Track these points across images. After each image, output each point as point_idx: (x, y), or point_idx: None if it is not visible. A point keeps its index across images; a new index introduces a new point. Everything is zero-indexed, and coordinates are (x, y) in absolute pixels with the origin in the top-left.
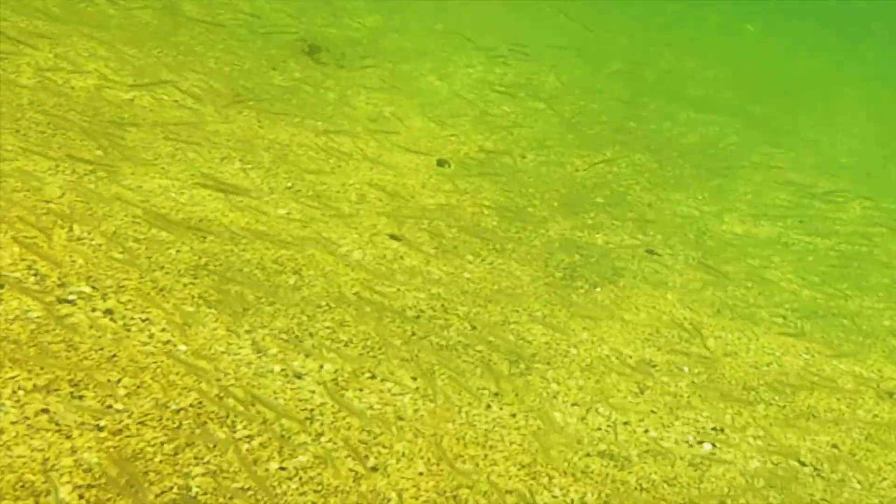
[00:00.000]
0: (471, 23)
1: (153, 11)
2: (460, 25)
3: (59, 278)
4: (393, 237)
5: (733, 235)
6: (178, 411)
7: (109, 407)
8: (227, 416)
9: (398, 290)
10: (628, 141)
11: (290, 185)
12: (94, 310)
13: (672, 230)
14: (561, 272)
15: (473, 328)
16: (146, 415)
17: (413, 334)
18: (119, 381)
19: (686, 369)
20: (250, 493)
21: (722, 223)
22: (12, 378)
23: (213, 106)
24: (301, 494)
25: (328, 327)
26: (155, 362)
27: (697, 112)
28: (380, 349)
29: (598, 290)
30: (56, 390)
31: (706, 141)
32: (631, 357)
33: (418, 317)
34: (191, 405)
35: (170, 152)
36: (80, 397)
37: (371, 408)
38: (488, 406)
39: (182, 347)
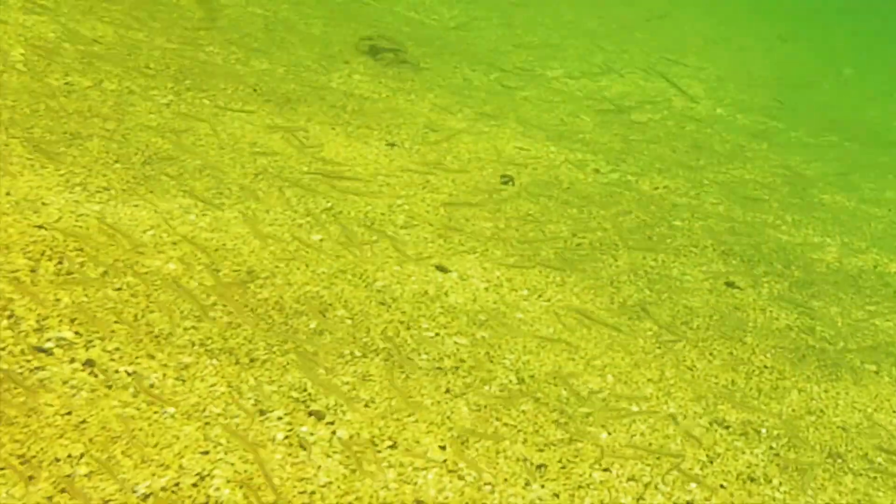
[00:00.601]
0: None
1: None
2: None
3: (37, 321)
4: (440, 268)
5: None
6: (146, 497)
7: (63, 491)
8: (206, 503)
9: (436, 333)
10: None
11: (329, 205)
12: (72, 360)
13: None
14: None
15: (521, 381)
16: (106, 501)
17: (447, 391)
18: (82, 456)
19: (764, 431)
20: None
21: None
22: None
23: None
24: None
25: (347, 383)
26: (132, 430)
27: None
28: (406, 410)
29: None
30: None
31: None
32: (701, 416)
33: (457, 368)
34: (163, 488)
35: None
36: (30, 478)
37: (386, 487)
38: (527, 483)
39: (170, 410)
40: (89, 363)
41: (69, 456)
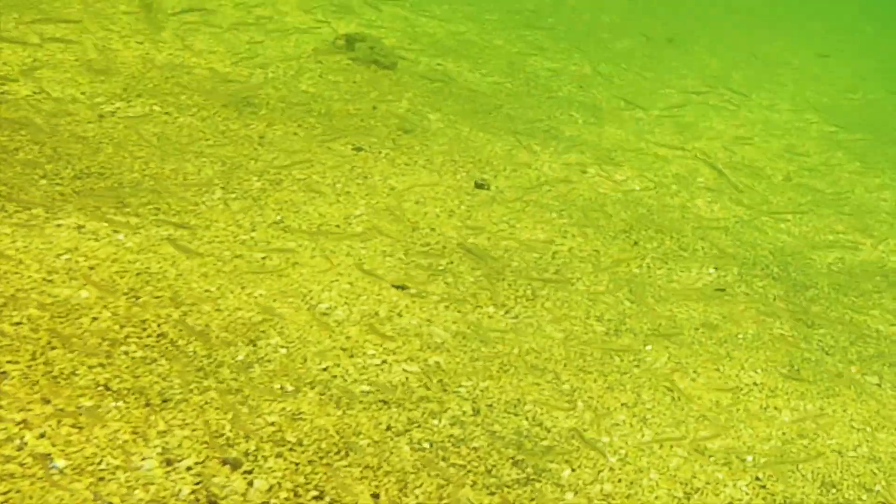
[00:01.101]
0: None
1: None
2: None
3: None
4: (396, 286)
5: None
6: None
7: None
8: None
9: (383, 361)
10: None
11: (279, 218)
12: None
13: None
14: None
15: (476, 412)
16: None
17: (388, 428)
18: None
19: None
20: None
21: None
22: None
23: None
24: None
25: (273, 423)
26: (8, 491)
27: None
28: (337, 453)
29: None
30: None
31: None
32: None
33: (401, 402)
34: None
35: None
36: None
37: None
38: None
39: (59, 464)
40: None
41: None
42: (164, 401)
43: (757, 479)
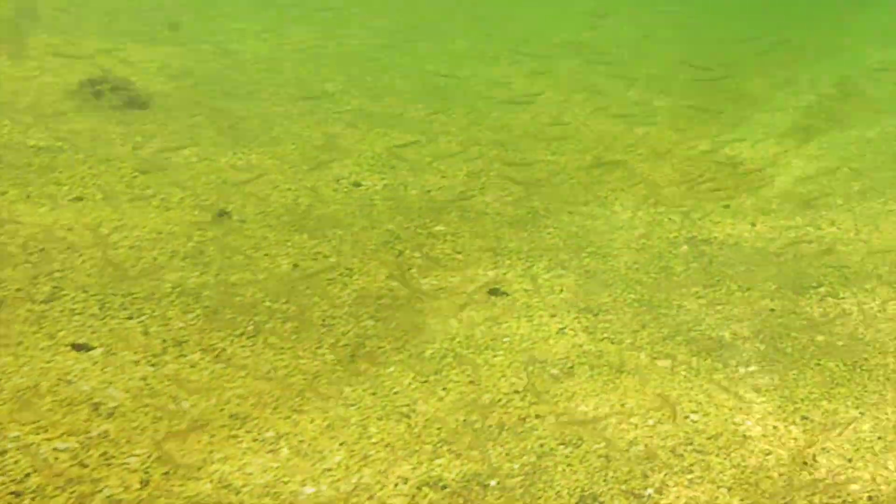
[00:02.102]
0: None
1: None
2: None
3: None
4: (77, 347)
5: None
6: None
7: None
8: None
9: (29, 443)
10: None
11: None
12: None
13: None
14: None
15: (144, 485)
16: None
17: None
18: None
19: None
20: None
21: None
22: None
23: None
24: None
25: None
26: None
27: None
28: None
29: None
30: None
31: None
32: (407, 481)
33: (41, 489)
34: None
35: None
36: None
37: None
38: None
39: None
40: None
41: None
42: None
43: None
